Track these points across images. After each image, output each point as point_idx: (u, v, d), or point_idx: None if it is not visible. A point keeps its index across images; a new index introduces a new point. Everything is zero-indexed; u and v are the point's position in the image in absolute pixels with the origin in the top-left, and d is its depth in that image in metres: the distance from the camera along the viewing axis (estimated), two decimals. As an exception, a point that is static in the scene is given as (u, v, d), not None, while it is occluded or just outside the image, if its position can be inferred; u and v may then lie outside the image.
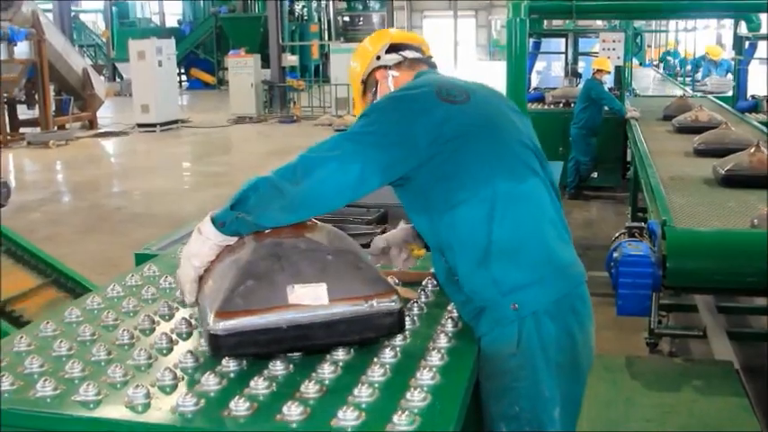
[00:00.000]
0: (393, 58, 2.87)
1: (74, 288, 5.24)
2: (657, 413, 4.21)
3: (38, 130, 19.20)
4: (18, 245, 5.36)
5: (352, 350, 2.20)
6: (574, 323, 2.45)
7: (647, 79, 20.11)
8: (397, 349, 2.20)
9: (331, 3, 36.54)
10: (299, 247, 2.26)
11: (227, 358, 2.12)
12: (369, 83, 2.92)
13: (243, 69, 22.70)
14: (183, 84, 32.73)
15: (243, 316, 2.10)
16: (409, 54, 2.88)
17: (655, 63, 29.12)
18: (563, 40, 16.85)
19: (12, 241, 5.38)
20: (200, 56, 33.90)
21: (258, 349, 2.13)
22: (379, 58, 2.89)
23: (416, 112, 2.43)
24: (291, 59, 25.63)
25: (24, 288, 5.12)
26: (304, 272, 2.19)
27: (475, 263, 2.39)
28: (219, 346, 2.11)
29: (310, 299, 2.15)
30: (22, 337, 2.32)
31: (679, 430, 4.10)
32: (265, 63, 23.96)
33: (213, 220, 2.33)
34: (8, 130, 18.62)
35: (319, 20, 34.59)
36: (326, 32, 35.22)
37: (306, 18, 33.29)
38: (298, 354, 2.19)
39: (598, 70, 11.30)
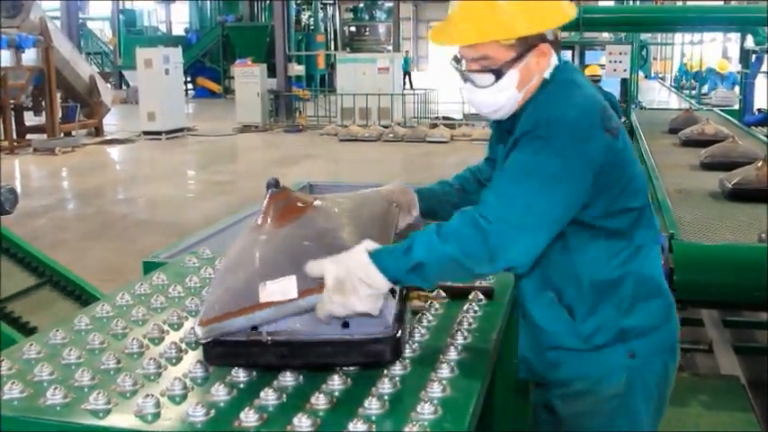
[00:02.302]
0: (551, 34, 2.33)
1: (72, 289, 5.26)
2: (664, 427, 4.18)
3: (44, 136, 19.23)
4: (15, 245, 5.37)
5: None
6: (671, 361, 2.44)
7: (652, 92, 20.09)
8: (407, 362, 2.20)
9: (337, 13, 36.63)
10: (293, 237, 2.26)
11: (236, 369, 2.13)
12: (523, 43, 2.25)
13: (249, 78, 22.75)
14: (189, 92, 32.77)
15: (219, 320, 2.11)
16: (550, 33, 2.34)
17: (661, 75, 29.13)
18: (569, 52, 16.88)
19: (9, 241, 5.39)
20: (207, 64, 33.95)
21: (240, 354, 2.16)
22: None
23: (591, 153, 2.18)
24: (297, 69, 25.66)
25: (21, 288, 5.14)
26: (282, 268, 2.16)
27: (606, 306, 2.31)
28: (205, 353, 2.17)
29: (280, 294, 2.11)
30: (31, 345, 2.32)
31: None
32: (271, 72, 24.00)
33: (384, 272, 2.10)
34: (15, 136, 18.65)
35: (326, 30, 34.69)
36: (333, 42, 35.33)
37: (312, 28, 33.40)
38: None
39: (592, 75, 11.32)
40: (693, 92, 20.32)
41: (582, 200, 2.20)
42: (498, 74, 2.27)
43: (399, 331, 2.14)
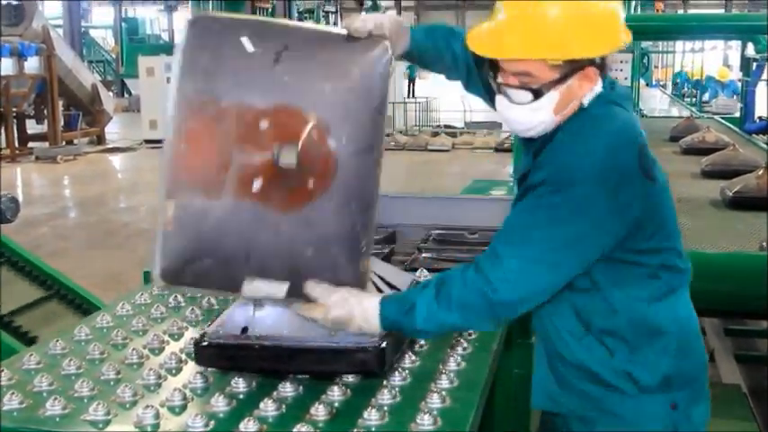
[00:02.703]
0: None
1: (77, 302, 5.26)
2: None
3: (46, 144, 19.26)
4: (21, 257, 5.37)
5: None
6: (705, 407, 2.31)
7: (653, 100, 20.11)
8: (407, 372, 2.20)
9: (339, 21, 36.67)
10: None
11: (236, 378, 2.13)
12: (566, 66, 2.06)
13: (251, 86, 22.76)
14: (191, 100, 32.79)
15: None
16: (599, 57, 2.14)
17: (662, 83, 29.17)
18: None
19: (15, 253, 5.40)
20: (209, 72, 33.97)
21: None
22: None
23: (622, 206, 2.03)
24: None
25: (27, 301, 5.14)
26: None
27: (649, 352, 2.16)
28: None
29: (265, 293, 2.14)
30: (31, 355, 2.33)
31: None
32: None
33: (383, 320, 2.10)
34: (17, 144, 18.69)
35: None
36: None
37: (314, 35, 33.42)
38: (307, 376, 2.19)
39: None
40: (694, 100, 20.35)
41: (604, 252, 2.07)
42: (538, 93, 2.08)
43: (385, 342, 2.14)
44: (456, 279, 2.05)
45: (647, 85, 26.37)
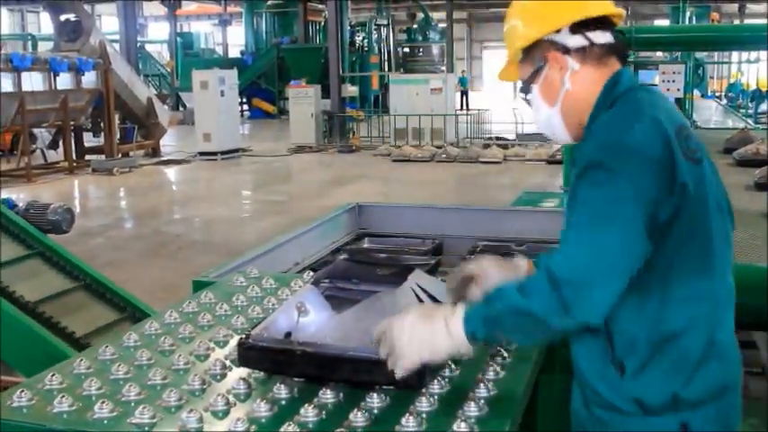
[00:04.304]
0: (578, 41, 2.15)
1: (103, 293, 5.39)
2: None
3: (102, 157, 19.64)
4: (50, 248, 5.51)
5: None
6: (725, 421, 2.14)
7: (708, 111, 19.85)
8: (445, 381, 2.22)
9: (391, 34, 36.85)
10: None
11: (278, 384, 2.17)
12: (533, 56, 2.20)
13: (303, 99, 22.99)
14: (244, 113, 33.23)
15: None
16: (600, 37, 2.16)
17: (717, 95, 28.78)
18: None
19: (45, 246, 5.54)
20: (262, 86, 34.39)
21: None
22: (558, 31, 2.16)
23: (665, 176, 1.97)
24: (351, 90, 25.88)
25: (56, 290, 5.29)
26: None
27: (660, 368, 2.07)
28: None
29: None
30: (81, 360, 2.40)
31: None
32: (325, 93, 24.22)
33: (465, 329, 2.06)
34: (74, 156, 19.07)
35: (379, 51, 34.94)
36: (386, 63, 35.52)
37: (366, 49, 33.68)
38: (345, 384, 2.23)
39: None
40: (750, 111, 20.04)
41: (659, 231, 1.98)
42: (526, 90, 2.25)
43: None
44: (536, 270, 2.06)
45: (703, 96, 26.03)
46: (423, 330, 2.07)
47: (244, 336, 2.30)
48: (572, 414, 2.29)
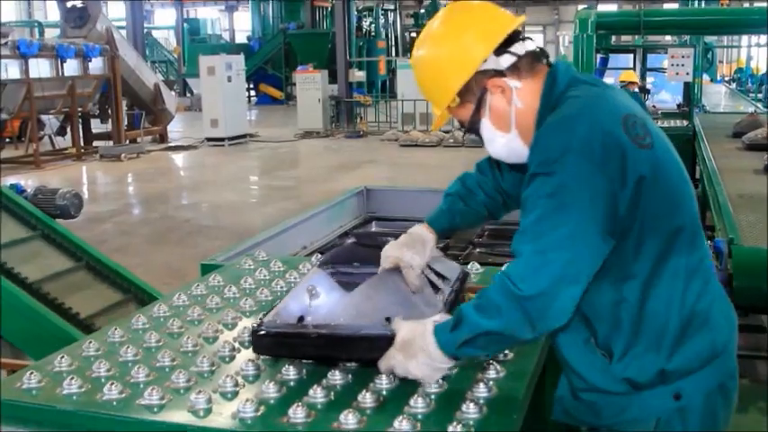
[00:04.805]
0: (506, 59, 2.15)
1: (106, 274, 5.41)
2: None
3: (110, 143, 19.66)
4: (55, 231, 5.53)
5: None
6: (720, 402, 2.18)
7: (717, 95, 19.76)
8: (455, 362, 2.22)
9: (398, 19, 36.74)
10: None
11: (287, 366, 2.17)
12: (470, 93, 2.19)
13: (310, 85, 22.94)
14: (251, 99, 33.19)
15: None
16: (520, 48, 2.17)
17: (727, 79, 28.66)
18: (631, 55, 16.70)
19: (50, 228, 5.55)
20: (269, 71, 34.33)
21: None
22: (485, 60, 2.15)
23: (616, 172, 1.98)
24: (358, 75, 25.81)
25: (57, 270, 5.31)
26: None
27: (646, 345, 2.10)
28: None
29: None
30: (90, 342, 2.40)
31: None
32: (333, 78, 24.16)
33: (441, 347, 2.06)
34: (82, 143, 19.09)
35: (387, 36, 34.84)
36: (394, 48, 35.43)
37: (373, 34, 33.57)
38: (355, 364, 2.23)
39: (630, 82, 11.24)
40: (760, 96, 19.95)
41: (619, 225, 2.00)
42: (474, 132, 2.26)
43: None
44: (491, 286, 2.04)
45: (712, 80, 25.91)
46: (416, 367, 2.07)
47: (256, 324, 2.28)
48: (555, 401, 2.31)
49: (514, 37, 2.17)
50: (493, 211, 2.69)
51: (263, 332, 2.24)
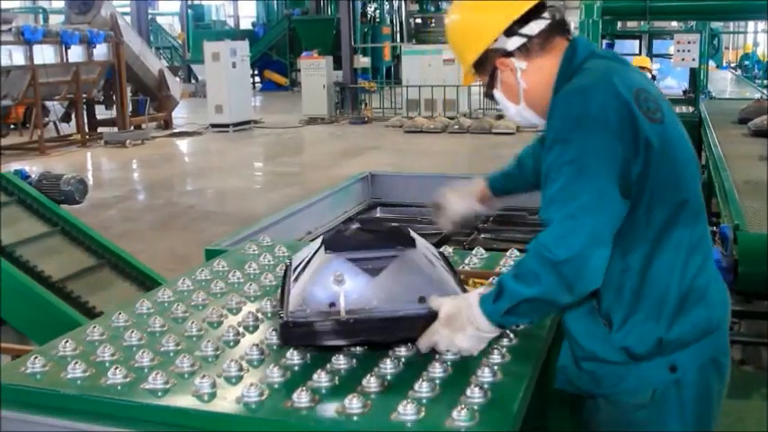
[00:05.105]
0: (515, 41, 2.26)
1: (129, 271, 5.41)
2: (726, 421, 4.12)
3: (115, 129, 19.67)
4: (74, 226, 5.53)
5: (414, 347, 2.22)
6: (714, 375, 2.28)
7: (723, 82, 19.68)
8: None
9: (403, 5, 36.60)
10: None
11: (291, 351, 2.17)
12: (485, 66, 2.33)
13: (315, 71, 22.89)
14: (256, 85, 33.15)
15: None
16: (534, 28, 2.26)
17: (733, 65, 28.54)
18: (637, 41, 16.64)
19: (69, 223, 5.55)
20: (274, 57, 34.29)
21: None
22: (495, 40, 2.27)
23: (629, 139, 2.07)
24: (363, 61, 25.78)
25: (80, 268, 5.32)
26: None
27: (645, 315, 2.18)
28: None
29: None
30: (95, 327, 2.40)
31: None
32: (337, 65, 24.13)
33: (487, 316, 2.13)
34: (87, 129, 19.09)
35: (391, 22, 34.72)
36: (398, 34, 35.33)
37: (378, 20, 33.47)
38: (360, 349, 2.22)
39: (642, 68, 11.19)
40: (766, 82, 19.87)
41: (633, 187, 2.09)
42: (490, 96, 2.41)
43: None
44: (526, 255, 2.12)
45: (718, 66, 25.82)
46: (464, 340, 2.14)
47: (279, 316, 2.23)
48: (558, 370, 2.38)
49: (533, 14, 2.26)
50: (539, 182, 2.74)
51: (295, 323, 2.18)
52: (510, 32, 2.25)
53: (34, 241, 5.38)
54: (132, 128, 19.91)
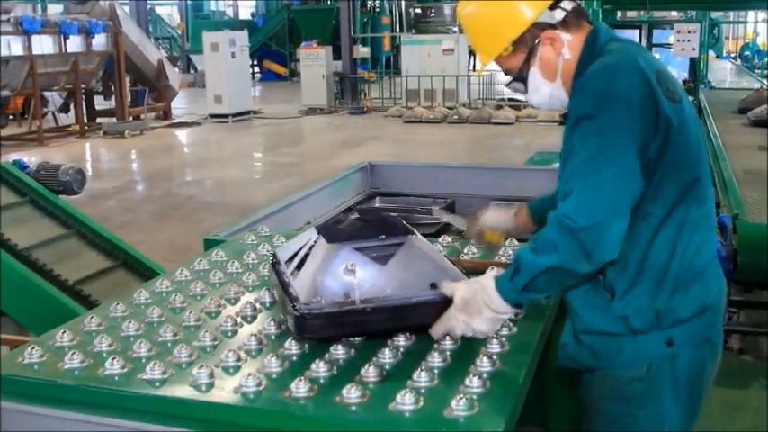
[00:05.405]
0: (559, 13, 2.31)
1: (144, 272, 5.39)
2: (725, 410, 4.14)
3: (114, 120, 19.62)
4: (90, 229, 5.51)
5: (413, 336, 2.22)
6: (707, 354, 2.33)
7: (723, 71, 19.66)
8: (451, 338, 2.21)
9: (404, -4, 36.49)
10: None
11: (289, 341, 2.17)
12: (524, 42, 2.32)
13: (314, 61, 22.82)
14: (255, 75, 33.08)
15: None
16: (568, 4, 2.33)
17: (732, 55, 28.49)
18: (637, 31, 16.60)
19: (84, 225, 5.54)
20: (273, 48, 34.21)
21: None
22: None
23: (651, 118, 2.13)
24: (363, 51, 25.71)
25: (95, 269, 5.30)
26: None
27: (645, 287, 2.23)
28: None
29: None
30: (92, 317, 2.39)
31: (746, 427, 4.03)
32: (337, 55, 24.06)
33: (503, 295, 2.16)
34: (85, 120, 19.05)
35: (391, 12, 34.61)
36: (398, 24, 35.24)
37: (377, 10, 33.36)
38: (359, 339, 2.22)
39: None
40: (766, 72, 19.83)
41: (650, 165, 2.14)
42: (521, 80, 2.38)
43: None
44: (545, 227, 2.14)
45: (718, 56, 25.77)
46: (481, 323, 2.16)
47: (294, 308, 2.19)
48: (560, 347, 2.41)
49: None
50: None
51: (311, 314, 2.16)
52: (553, 6, 2.30)
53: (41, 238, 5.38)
54: (131, 118, 19.85)
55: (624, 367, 2.28)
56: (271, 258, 2.65)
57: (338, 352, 2.11)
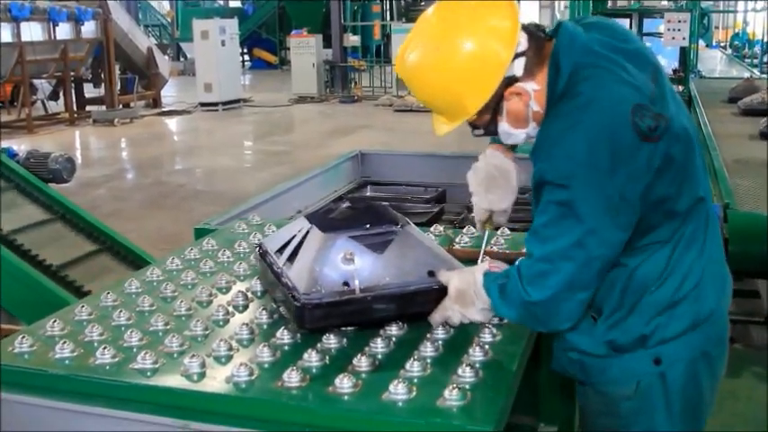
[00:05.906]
0: (519, 63, 2.08)
1: (129, 257, 5.38)
2: (716, 399, 4.14)
3: (103, 108, 19.53)
4: (76, 214, 5.50)
5: (405, 326, 2.21)
6: (703, 369, 2.20)
7: (713, 61, 19.68)
8: (449, 326, 2.21)
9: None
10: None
11: (281, 330, 2.16)
12: (488, 104, 2.13)
13: (305, 49, 22.76)
14: (245, 63, 32.96)
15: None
16: (523, 42, 2.08)
17: (722, 44, 28.54)
18: (627, 20, 16.58)
19: (70, 211, 5.52)
20: (263, 36, 34.07)
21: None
22: None
23: (626, 178, 1.97)
24: (353, 39, 25.61)
25: (79, 254, 5.29)
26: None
27: (629, 308, 2.14)
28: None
29: None
30: (83, 307, 2.38)
31: (737, 416, 4.04)
32: (327, 43, 23.99)
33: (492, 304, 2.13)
34: (75, 107, 18.96)
35: (381, 0, 34.52)
36: (388, 13, 35.14)
37: (368, -2, 33.24)
38: (352, 328, 2.21)
39: None
40: (755, 61, 19.87)
41: (632, 227, 2.03)
42: (490, 133, 2.23)
43: None
44: (509, 278, 2.09)
45: (708, 46, 25.79)
46: (476, 313, 2.17)
47: (294, 298, 2.19)
48: (553, 356, 2.35)
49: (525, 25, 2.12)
50: None
51: (313, 304, 2.16)
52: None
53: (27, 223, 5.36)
54: (121, 106, 19.77)
55: (613, 384, 2.21)
56: (257, 249, 2.64)
57: (330, 341, 2.11)
